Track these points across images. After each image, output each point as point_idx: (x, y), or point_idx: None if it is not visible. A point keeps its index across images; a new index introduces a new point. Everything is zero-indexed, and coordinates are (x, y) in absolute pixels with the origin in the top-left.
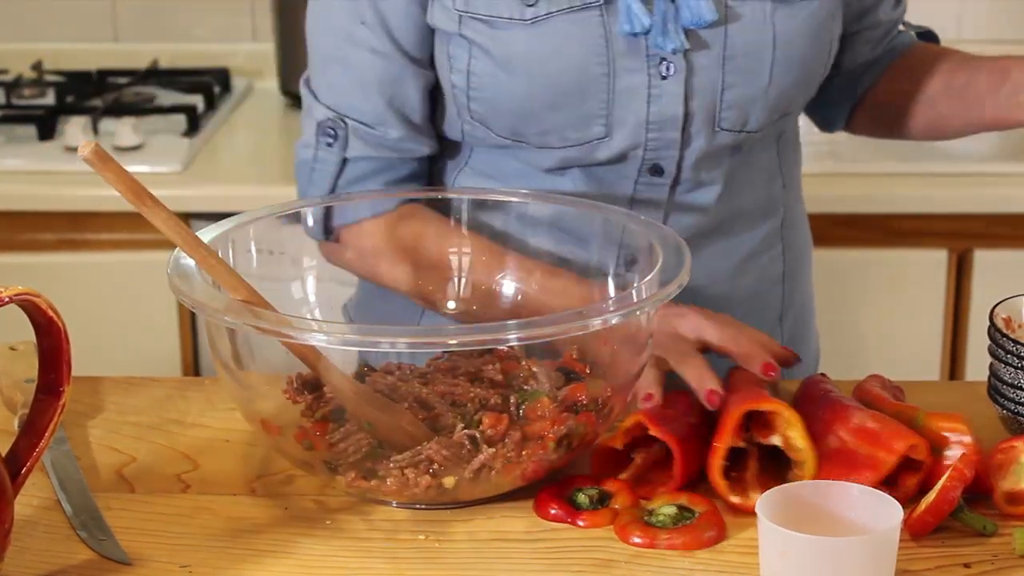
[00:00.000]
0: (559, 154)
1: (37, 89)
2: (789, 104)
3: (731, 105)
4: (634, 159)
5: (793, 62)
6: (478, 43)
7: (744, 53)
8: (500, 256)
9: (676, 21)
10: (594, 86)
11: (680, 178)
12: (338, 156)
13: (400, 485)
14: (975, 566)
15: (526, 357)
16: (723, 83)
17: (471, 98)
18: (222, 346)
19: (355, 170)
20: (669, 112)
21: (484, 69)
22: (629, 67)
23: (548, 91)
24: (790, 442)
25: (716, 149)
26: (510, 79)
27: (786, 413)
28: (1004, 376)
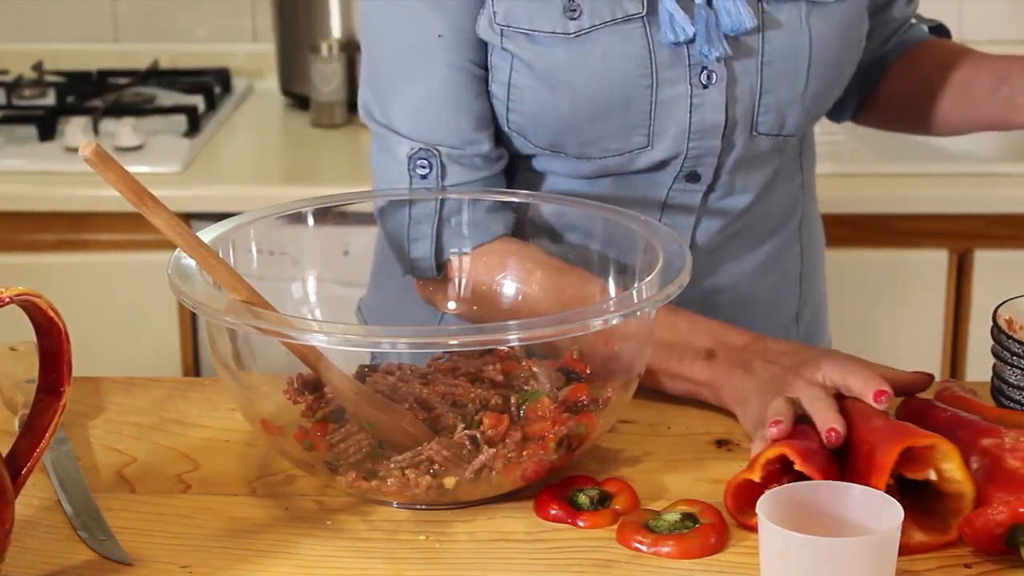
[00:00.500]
0: (598, 164)
1: (37, 89)
2: (822, 105)
3: (768, 109)
4: (673, 167)
5: (828, 63)
6: (520, 56)
7: (782, 57)
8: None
9: (718, 28)
10: (637, 97)
11: (716, 184)
12: (436, 186)
13: (401, 485)
14: (976, 567)
15: (527, 357)
16: (761, 88)
17: (510, 109)
18: (222, 346)
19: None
20: (711, 120)
21: (525, 82)
22: (672, 77)
23: (591, 104)
24: (945, 474)
25: (753, 154)
26: (552, 93)
27: (943, 446)
28: (1008, 377)
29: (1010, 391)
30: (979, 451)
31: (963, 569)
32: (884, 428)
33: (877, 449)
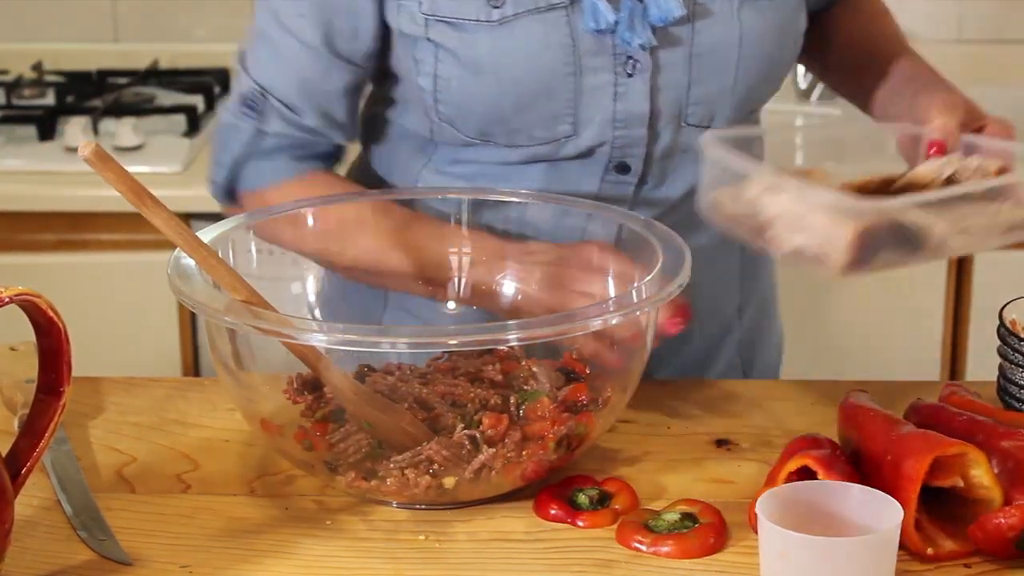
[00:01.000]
0: (526, 151)
1: (37, 89)
2: (756, 100)
3: (698, 101)
4: (601, 156)
5: (759, 59)
6: (445, 46)
7: (711, 50)
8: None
9: (643, 17)
10: (561, 85)
11: (647, 175)
12: (254, 127)
13: (400, 485)
14: (975, 567)
15: (526, 357)
16: (689, 80)
17: (438, 100)
18: (222, 346)
19: (269, 143)
20: (635, 109)
21: (451, 72)
22: (595, 65)
23: (515, 91)
24: (973, 481)
25: (682, 146)
26: (477, 81)
27: (972, 454)
28: (1015, 377)
29: (1018, 391)
30: (1000, 454)
31: (963, 569)
32: (909, 437)
33: (905, 460)
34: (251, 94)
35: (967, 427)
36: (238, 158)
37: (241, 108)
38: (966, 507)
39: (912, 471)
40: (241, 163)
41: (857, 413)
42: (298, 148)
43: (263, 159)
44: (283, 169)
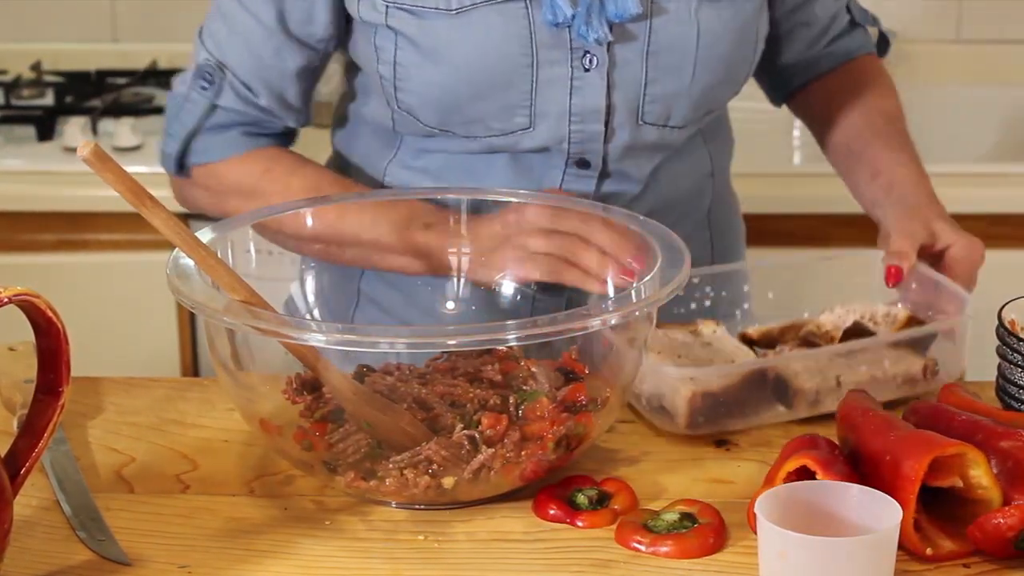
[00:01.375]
0: (484, 143)
1: (36, 89)
2: (714, 101)
3: (654, 99)
4: (559, 151)
5: (717, 60)
6: (404, 34)
7: (667, 48)
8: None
9: (600, 13)
10: (517, 76)
11: (607, 171)
12: (209, 101)
13: (399, 485)
14: (974, 566)
15: (525, 357)
16: (646, 77)
17: (398, 88)
18: (221, 346)
19: (222, 117)
20: (591, 104)
21: (410, 60)
22: (552, 58)
23: (472, 81)
24: (972, 481)
25: (641, 143)
26: (436, 69)
27: (972, 454)
28: (1014, 377)
29: (1017, 391)
30: (999, 454)
31: (962, 569)
32: (908, 438)
33: (904, 460)
34: (207, 67)
35: (966, 427)
36: (191, 131)
37: (197, 80)
38: (965, 507)
39: (911, 471)
40: (193, 135)
41: (856, 413)
42: (250, 125)
43: (216, 133)
44: (235, 143)
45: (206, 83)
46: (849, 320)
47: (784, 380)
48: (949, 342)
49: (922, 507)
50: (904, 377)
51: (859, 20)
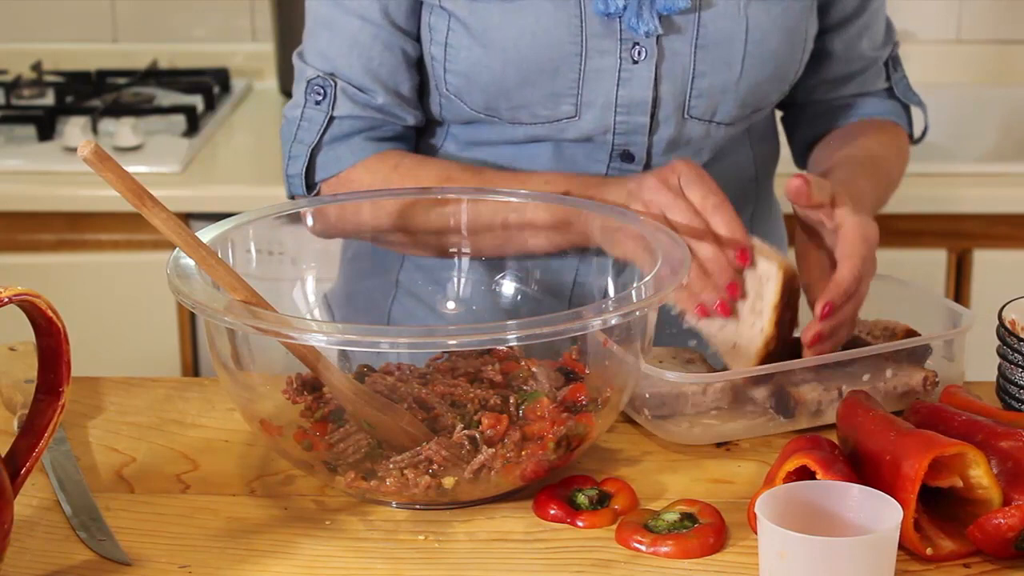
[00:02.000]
0: (530, 130)
1: (36, 89)
2: (761, 99)
3: (701, 93)
4: (604, 142)
5: (765, 56)
6: (457, 15)
7: (716, 42)
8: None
9: (651, 5)
10: (566, 65)
11: (651, 165)
12: (325, 113)
13: (399, 485)
14: (975, 566)
15: (525, 357)
16: (694, 71)
17: (447, 70)
18: (221, 346)
19: (341, 127)
20: (638, 96)
21: (461, 42)
22: (602, 48)
23: (521, 67)
24: (973, 481)
25: (686, 138)
26: (485, 52)
27: (972, 454)
28: (1014, 377)
29: (1017, 392)
30: (999, 454)
31: (962, 569)
32: (908, 438)
33: (904, 460)
34: (318, 80)
35: (966, 427)
36: (312, 146)
37: (310, 96)
38: (965, 507)
39: (911, 471)
40: (316, 151)
41: (856, 413)
42: (371, 130)
43: (338, 143)
44: (360, 149)
45: (319, 96)
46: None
47: (785, 391)
48: (947, 354)
49: (922, 507)
50: (904, 388)
51: (899, 94)
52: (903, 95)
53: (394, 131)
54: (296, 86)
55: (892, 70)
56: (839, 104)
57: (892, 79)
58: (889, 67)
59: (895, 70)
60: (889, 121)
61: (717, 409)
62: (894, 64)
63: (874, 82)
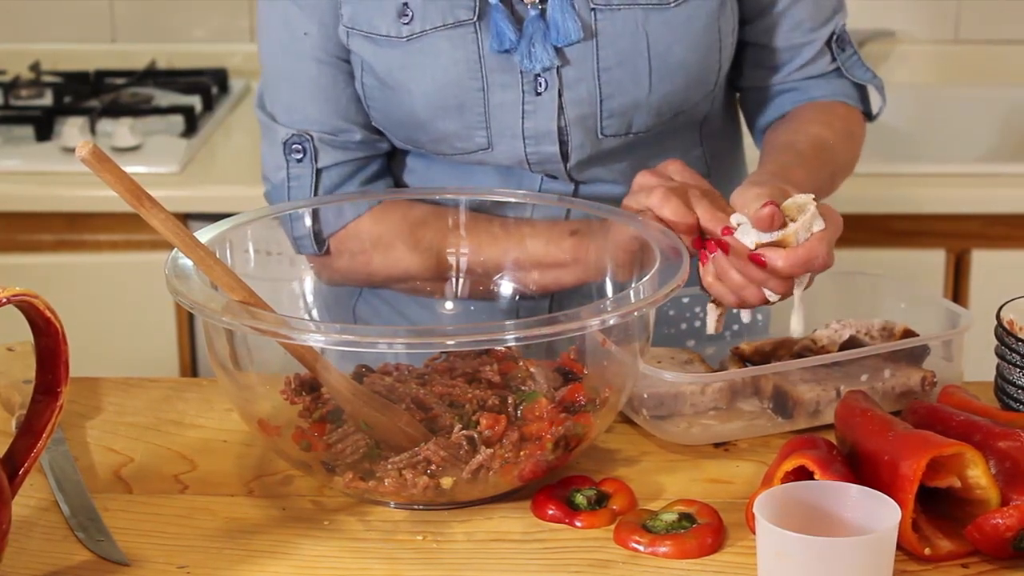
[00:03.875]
0: (453, 160)
1: (35, 90)
2: (679, 105)
3: (612, 114)
4: (521, 167)
5: (673, 67)
6: (363, 57)
7: (619, 63)
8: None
9: (544, 40)
10: (470, 100)
11: (579, 183)
12: (311, 168)
13: (398, 486)
14: (973, 567)
15: (524, 357)
16: (601, 95)
17: (369, 107)
18: (220, 347)
19: (330, 177)
20: (543, 127)
21: (371, 82)
22: (503, 82)
23: (427, 105)
24: (971, 481)
25: (605, 152)
26: (393, 93)
27: (969, 454)
28: (1012, 378)
29: (1016, 392)
30: (997, 454)
31: (960, 569)
32: (906, 438)
33: (901, 460)
34: (294, 140)
35: (964, 427)
36: (315, 209)
37: (289, 157)
38: (963, 507)
39: (909, 471)
40: (317, 211)
41: (854, 413)
42: (360, 172)
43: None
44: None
45: (300, 154)
46: (845, 335)
47: (784, 391)
48: (946, 354)
49: (920, 507)
50: (903, 389)
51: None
52: (853, 74)
53: (379, 166)
54: (269, 148)
55: (838, 50)
56: (786, 88)
57: (839, 59)
58: (833, 47)
59: (841, 50)
60: (837, 102)
61: (715, 409)
62: (839, 44)
63: (817, 64)
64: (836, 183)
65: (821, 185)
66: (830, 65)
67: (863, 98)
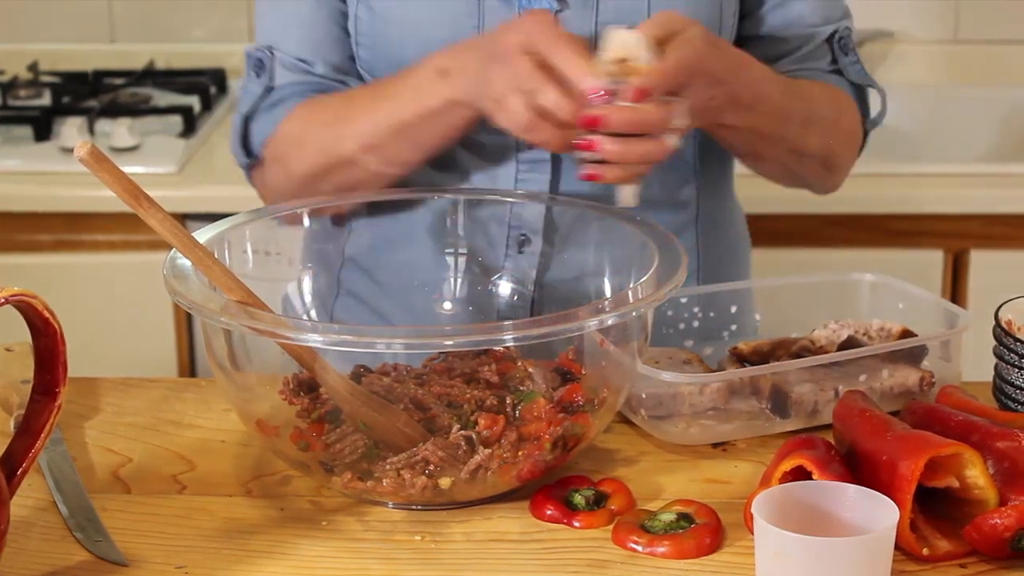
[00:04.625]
0: None
1: (33, 90)
2: None
3: None
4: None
5: None
6: None
7: (617, 20)
8: None
9: None
10: (464, 38)
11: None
12: (263, 86)
13: (396, 486)
14: (971, 567)
15: (522, 358)
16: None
17: (358, 44)
18: (218, 347)
19: (280, 94)
20: None
21: (365, 15)
22: (499, 22)
23: (420, 41)
24: (969, 481)
25: None
26: (386, 25)
27: (968, 454)
28: (1010, 378)
29: (1014, 392)
30: (996, 454)
31: (958, 569)
32: (904, 438)
33: (900, 460)
34: (259, 54)
35: (963, 427)
36: (248, 114)
37: (249, 72)
38: (961, 508)
39: (907, 471)
40: (251, 119)
41: (853, 413)
42: (309, 92)
43: (274, 108)
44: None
45: (259, 68)
46: (843, 335)
47: (782, 391)
48: (944, 354)
49: (918, 507)
50: (901, 389)
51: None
52: (856, 78)
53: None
54: None
55: (840, 53)
56: None
57: (840, 62)
58: (835, 47)
59: (844, 53)
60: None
61: (713, 409)
62: (842, 46)
63: (817, 61)
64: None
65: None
66: (830, 66)
67: (862, 102)
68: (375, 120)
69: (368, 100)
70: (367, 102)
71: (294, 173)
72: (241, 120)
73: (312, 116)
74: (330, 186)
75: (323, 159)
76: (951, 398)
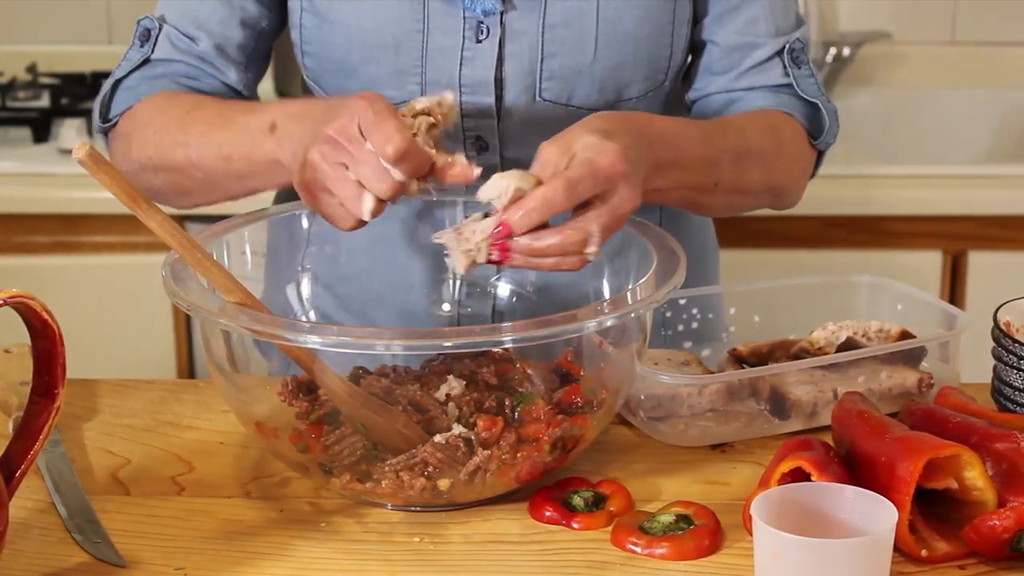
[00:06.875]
0: None
1: (32, 91)
2: (624, 84)
3: (552, 75)
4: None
5: (621, 37)
6: None
7: (565, 22)
8: None
9: None
10: (408, 42)
11: (505, 154)
12: (142, 55)
13: (395, 487)
14: (970, 568)
15: (521, 359)
16: (543, 52)
17: (304, 52)
18: (217, 348)
19: (156, 69)
20: (480, 75)
21: (311, 22)
22: (444, 26)
23: (365, 43)
24: (967, 483)
25: (541, 122)
26: (332, 29)
27: (966, 455)
28: (1009, 379)
29: (1012, 393)
30: (994, 456)
31: (957, 571)
32: (903, 440)
33: (899, 462)
34: (147, 23)
35: (961, 429)
36: (117, 79)
37: (136, 39)
38: (960, 509)
39: (906, 473)
40: (119, 86)
41: (851, 415)
42: (187, 78)
43: (144, 81)
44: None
45: (145, 38)
46: (842, 336)
47: (781, 392)
48: (942, 356)
49: (917, 509)
50: (900, 390)
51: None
52: (804, 91)
53: (212, 87)
54: None
55: (792, 65)
56: (733, 98)
57: (792, 75)
58: (786, 60)
59: (797, 67)
60: (773, 109)
61: (712, 411)
62: (793, 58)
63: (768, 73)
64: (745, 167)
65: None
66: (782, 78)
67: (814, 121)
68: (206, 143)
69: (208, 120)
70: (206, 122)
71: (132, 156)
72: (111, 84)
73: (163, 109)
74: (162, 184)
75: (157, 155)
76: (950, 399)
